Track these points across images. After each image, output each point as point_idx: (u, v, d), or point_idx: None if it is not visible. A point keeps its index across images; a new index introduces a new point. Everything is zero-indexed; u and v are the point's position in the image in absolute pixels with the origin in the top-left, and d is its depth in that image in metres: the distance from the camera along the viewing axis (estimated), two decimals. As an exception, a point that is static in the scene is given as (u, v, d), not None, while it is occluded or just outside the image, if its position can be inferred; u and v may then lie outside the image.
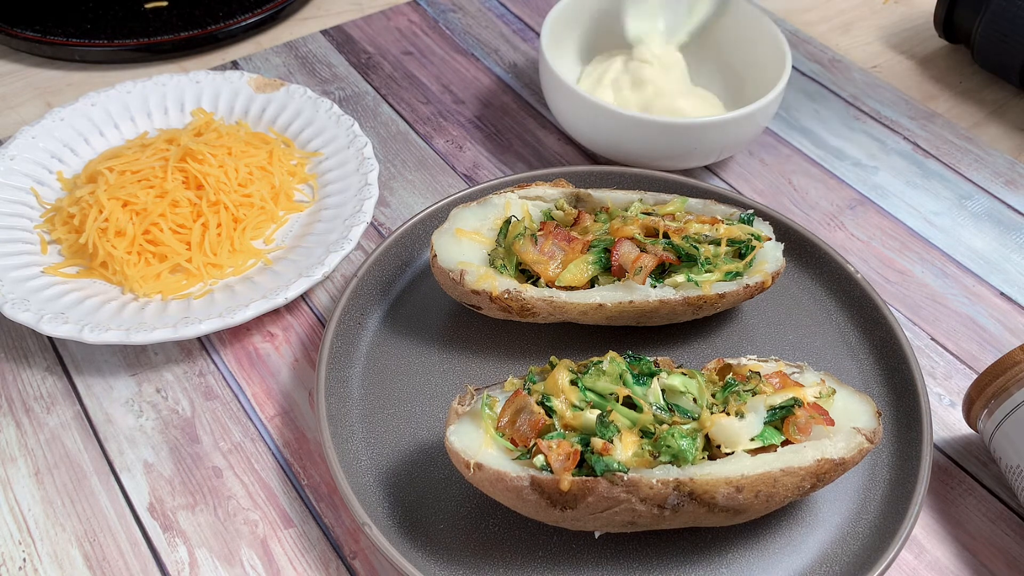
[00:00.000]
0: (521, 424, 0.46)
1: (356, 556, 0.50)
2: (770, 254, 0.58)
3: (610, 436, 0.45)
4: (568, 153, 0.75)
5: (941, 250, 0.68)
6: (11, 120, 0.77)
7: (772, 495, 0.45)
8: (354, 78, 0.81)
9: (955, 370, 0.60)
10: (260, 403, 0.57)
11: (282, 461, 0.54)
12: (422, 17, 0.89)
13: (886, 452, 0.53)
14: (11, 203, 0.64)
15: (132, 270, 0.60)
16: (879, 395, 0.56)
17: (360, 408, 0.55)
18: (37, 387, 0.58)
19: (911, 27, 0.92)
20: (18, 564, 0.50)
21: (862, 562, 0.48)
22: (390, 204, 0.70)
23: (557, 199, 0.60)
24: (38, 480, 0.53)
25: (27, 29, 0.82)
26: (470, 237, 0.57)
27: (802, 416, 0.47)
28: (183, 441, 0.55)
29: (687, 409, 0.48)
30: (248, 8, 0.86)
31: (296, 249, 0.63)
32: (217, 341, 0.60)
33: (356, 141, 0.69)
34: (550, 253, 0.56)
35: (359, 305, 0.59)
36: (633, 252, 0.56)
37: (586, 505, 0.44)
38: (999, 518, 0.53)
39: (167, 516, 0.52)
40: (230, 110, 0.73)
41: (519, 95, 0.80)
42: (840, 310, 0.61)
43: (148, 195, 0.62)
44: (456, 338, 0.59)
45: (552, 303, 0.54)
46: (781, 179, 0.74)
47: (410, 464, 0.53)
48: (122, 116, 0.71)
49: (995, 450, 0.52)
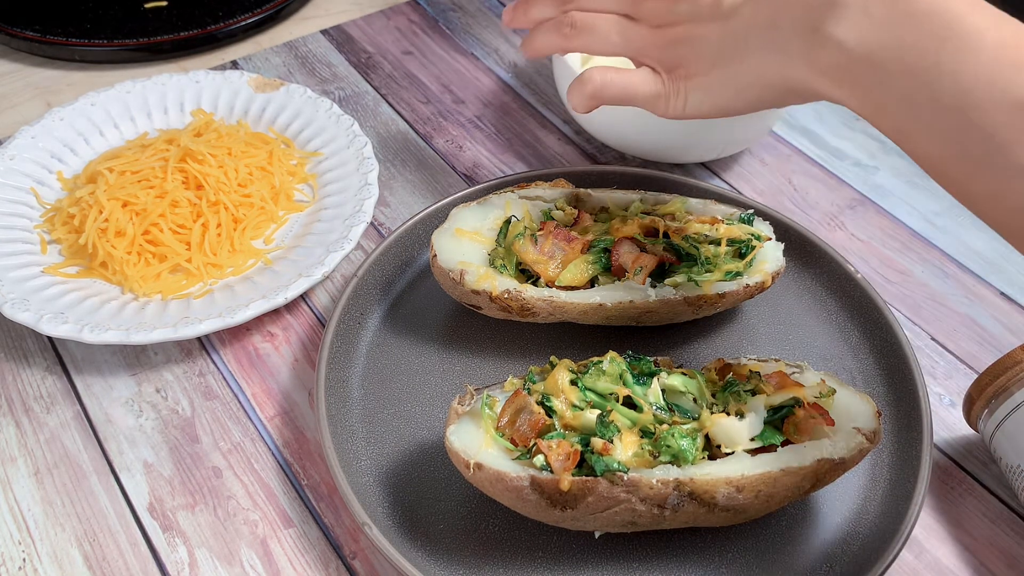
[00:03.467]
0: (521, 424, 0.46)
1: (356, 556, 0.50)
2: (770, 254, 0.58)
3: (610, 436, 0.45)
4: (568, 153, 0.75)
5: (941, 250, 0.68)
6: (11, 120, 0.77)
7: (772, 495, 0.45)
8: (354, 78, 0.81)
9: (955, 370, 0.60)
10: (260, 403, 0.57)
11: (282, 461, 0.54)
12: (422, 17, 0.89)
13: (886, 452, 0.53)
14: (11, 203, 0.64)
15: (132, 270, 0.60)
16: (879, 395, 0.56)
17: (360, 408, 0.55)
18: (37, 387, 0.58)
19: (911, 27, 0.92)
20: (18, 564, 0.50)
21: (862, 562, 0.48)
22: (390, 204, 0.70)
23: (557, 199, 0.60)
24: (38, 480, 0.53)
25: (27, 29, 0.82)
26: (470, 237, 0.57)
27: (802, 416, 0.47)
28: (183, 441, 0.55)
29: (687, 409, 0.48)
30: (248, 8, 0.86)
31: (296, 249, 0.63)
32: (217, 341, 0.60)
33: (356, 141, 0.69)
34: (550, 253, 0.56)
35: (359, 305, 0.59)
36: (633, 252, 0.56)
37: (586, 505, 0.44)
38: (999, 518, 0.53)
39: (167, 516, 0.52)
40: (230, 110, 0.73)
41: (519, 95, 0.80)
42: (840, 310, 0.61)
43: (148, 195, 0.62)
44: (456, 338, 0.59)
45: (552, 303, 0.54)
46: (781, 179, 0.74)
47: (410, 464, 0.53)
48: (122, 116, 0.71)
49: (995, 450, 0.52)
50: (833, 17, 0.44)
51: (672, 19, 0.52)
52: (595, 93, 0.54)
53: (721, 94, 0.51)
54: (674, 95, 0.52)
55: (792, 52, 0.46)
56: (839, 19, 0.43)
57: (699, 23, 0.51)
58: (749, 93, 0.50)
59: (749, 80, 0.49)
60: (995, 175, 0.40)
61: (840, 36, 0.43)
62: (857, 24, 0.43)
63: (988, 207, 0.41)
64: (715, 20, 0.50)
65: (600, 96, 0.54)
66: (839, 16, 0.43)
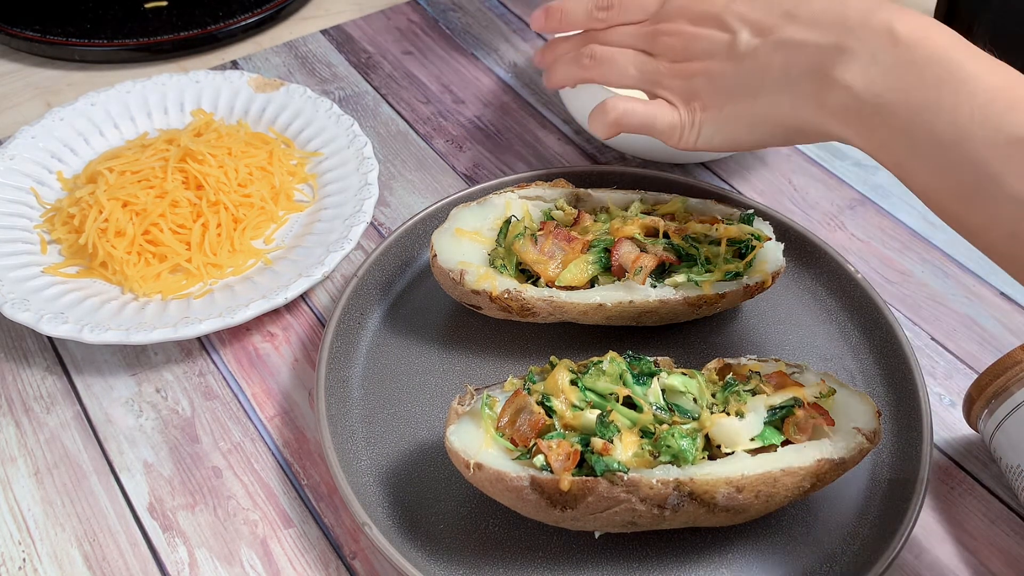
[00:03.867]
0: (521, 424, 0.46)
1: (356, 556, 0.50)
2: (770, 254, 0.58)
3: (610, 436, 0.45)
4: (568, 153, 0.75)
5: (941, 250, 0.68)
6: (11, 120, 0.77)
7: (772, 495, 0.45)
8: (354, 78, 0.81)
9: (955, 370, 0.60)
10: (260, 403, 0.57)
11: (282, 461, 0.54)
12: (422, 17, 0.89)
13: (886, 452, 0.53)
14: (11, 203, 0.64)
15: (132, 270, 0.60)
16: (879, 395, 0.56)
17: (360, 408, 0.55)
18: (37, 387, 0.58)
19: (911, 27, 0.92)
20: (18, 564, 0.50)
21: (862, 562, 0.48)
22: (390, 204, 0.70)
23: (557, 199, 0.60)
24: (38, 480, 0.53)
25: (27, 29, 0.82)
26: (470, 237, 0.57)
27: (802, 416, 0.47)
28: (183, 441, 0.55)
29: (687, 409, 0.48)
30: (248, 8, 0.86)
31: (296, 249, 0.63)
32: (217, 341, 0.60)
33: (356, 141, 0.69)
34: (550, 253, 0.56)
35: (359, 305, 0.59)
36: (633, 252, 0.56)
37: (586, 505, 0.44)
38: (999, 518, 0.53)
39: (167, 516, 0.52)
40: (230, 110, 0.73)
41: (519, 95, 0.80)
42: (840, 310, 0.61)
43: (148, 195, 0.62)
44: (456, 338, 0.59)
45: (552, 303, 0.54)
46: (781, 179, 0.74)
47: (410, 464, 0.53)
48: (122, 116, 0.71)
49: (995, 450, 0.52)
50: (842, 63, 0.47)
51: (688, 56, 0.55)
52: (617, 121, 0.57)
53: (733, 129, 0.54)
54: (689, 127, 0.55)
55: (803, 94, 0.49)
56: (848, 64, 0.47)
57: (715, 60, 0.53)
58: (760, 130, 0.53)
59: (761, 118, 0.52)
60: (987, 204, 0.43)
61: (848, 80, 0.47)
62: (865, 70, 0.46)
63: (982, 235, 0.44)
64: (730, 60, 0.53)
65: (621, 124, 0.57)
66: (848, 62, 0.47)
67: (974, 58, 0.44)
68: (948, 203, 0.45)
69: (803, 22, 0.49)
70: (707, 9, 0.54)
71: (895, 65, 0.45)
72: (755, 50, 0.51)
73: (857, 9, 0.47)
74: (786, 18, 0.50)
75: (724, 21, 0.53)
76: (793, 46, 0.49)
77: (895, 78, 0.45)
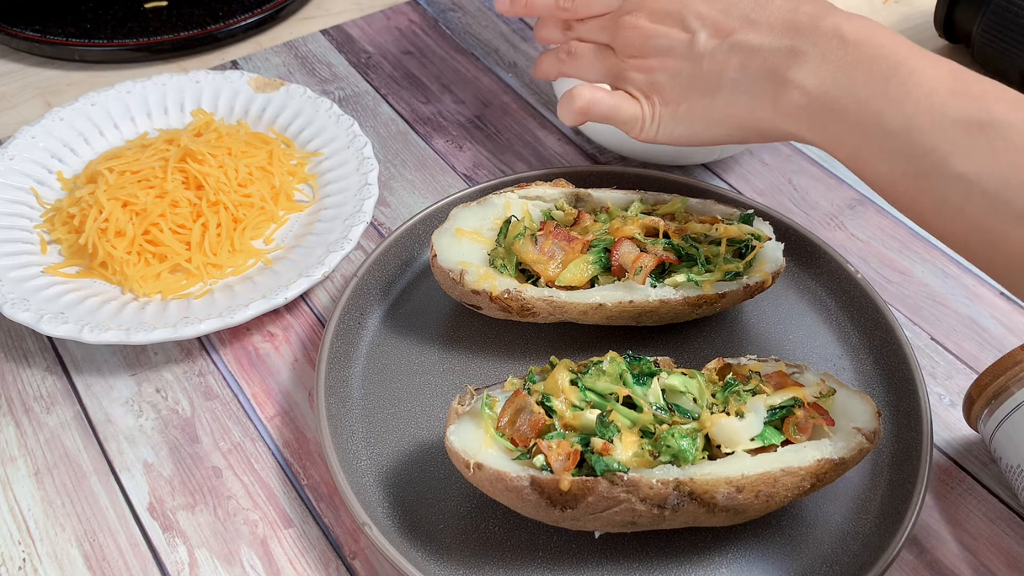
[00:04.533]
0: (521, 424, 0.46)
1: (356, 556, 0.50)
2: (770, 254, 0.58)
3: (610, 436, 0.45)
4: (568, 153, 0.75)
5: (941, 250, 0.68)
6: (11, 120, 0.77)
7: (772, 495, 0.45)
8: (354, 78, 0.81)
9: (955, 370, 0.60)
10: (260, 403, 0.57)
11: (282, 461, 0.54)
12: (422, 17, 0.89)
13: (886, 452, 0.53)
14: (11, 203, 0.64)
15: (132, 270, 0.60)
16: (879, 395, 0.56)
17: (360, 408, 0.55)
18: (37, 387, 0.58)
19: (911, 27, 0.92)
20: (18, 564, 0.50)
21: (862, 562, 0.48)
22: (390, 204, 0.70)
23: (557, 199, 0.60)
24: (38, 480, 0.53)
25: (27, 29, 0.82)
26: (470, 237, 0.57)
27: (802, 416, 0.47)
28: (183, 441, 0.55)
29: (687, 409, 0.48)
30: (248, 8, 0.86)
31: (296, 249, 0.63)
32: (217, 341, 0.60)
33: (356, 141, 0.69)
34: (550, 253, 0.56)
35: (359, 305, 0.59)
36: (633, 252, 0.56)
37: (586, 505, 0.44)
38: (999, 518, 0.53)
39: (167, 516, 0.52)
40: (230, 110, 0.73)
41: (519, 95, 0.80)
42: (840, 310, 0.61)
43: (148, 195, 0.62)
44: (456, 338, 0.59)
45: (552, 303, 0.54)
46: (781, 179, 0.74)
47: (410, 464, 0.53)
48: (122, 116, 0.71)
49: (995, 450, 0.52)
50: (796, 64, 0.50)
51: (646, 52, 0.57)
52: (583, 109, 0.59)
53: (691, 125, 0.56)
54: (650, 120, 0.57)
55: (760, 95, 0.52)
56: (801, 66, 0.50)
57: (672, 58, 0.56)
58: (718, 128, 0.55)
59: (719, 116, 0.54)
60: (935, 185, 0.45)
61: (801, 81, 0.49)
62: (816, 69, 0.49)
63: (933, 217, 0.46)
64: (689, 59, 0.55)
65: (587, 113, 0.59)
66: (801, 64, 0.50)
67: (917, 53, 0.47)
68: (901, 189, 0.47)
69: (760, 27, 0.52)
70: (665, 7, 0.55)
71: (844, 64, 0.48)
72: (713, 51, 0.53)
73: (807, 14, 0.50)
74: (744, 21, 0.52)
75: (683, 20, 0.55)
76: (749, 49, 0.52)
77: (845, 76, 0.48)
